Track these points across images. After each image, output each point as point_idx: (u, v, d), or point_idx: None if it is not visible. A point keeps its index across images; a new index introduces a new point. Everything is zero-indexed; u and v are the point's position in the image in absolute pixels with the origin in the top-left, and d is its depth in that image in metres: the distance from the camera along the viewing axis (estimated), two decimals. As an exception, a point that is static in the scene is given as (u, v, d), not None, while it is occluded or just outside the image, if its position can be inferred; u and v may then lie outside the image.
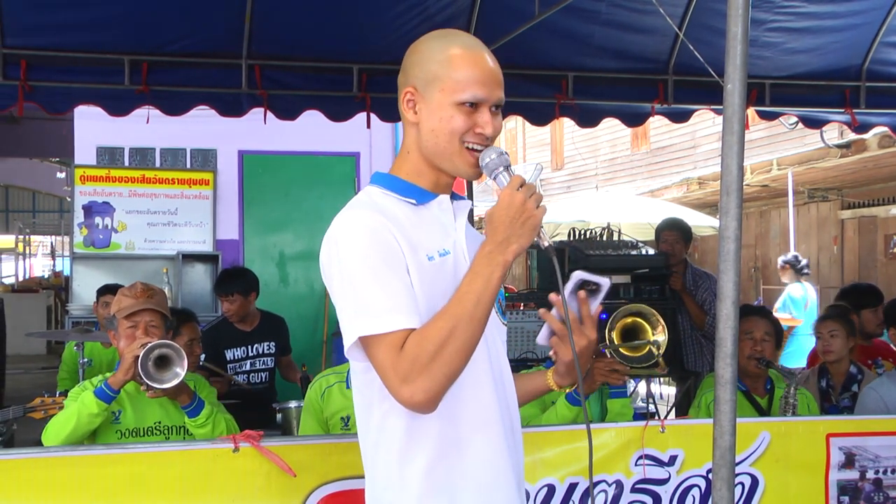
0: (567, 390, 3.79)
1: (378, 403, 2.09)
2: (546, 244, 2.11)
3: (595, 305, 2.24)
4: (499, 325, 2.27)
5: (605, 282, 2.24)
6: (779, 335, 4.63)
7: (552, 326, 2.23)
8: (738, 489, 3.55)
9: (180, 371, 3.49)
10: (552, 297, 2.20)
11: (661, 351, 4.02)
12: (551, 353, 2.31)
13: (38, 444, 3.56)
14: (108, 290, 6.05)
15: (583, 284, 2.22)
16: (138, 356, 3.42)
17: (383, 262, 2.03)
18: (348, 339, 2.04)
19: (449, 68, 2.13)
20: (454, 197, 2.27)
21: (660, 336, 4.04)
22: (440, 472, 2.08)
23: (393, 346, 1.97)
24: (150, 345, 3.44)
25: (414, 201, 2.18)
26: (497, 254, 2.02)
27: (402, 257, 2.05)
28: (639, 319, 4.07)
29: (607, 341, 4.09)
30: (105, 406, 3.44)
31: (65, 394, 4.08)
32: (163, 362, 3.50)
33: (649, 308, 4.08)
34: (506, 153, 2.16)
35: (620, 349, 4.10)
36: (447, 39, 2.19)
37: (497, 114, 2.17)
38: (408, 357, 1.96)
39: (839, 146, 12.75)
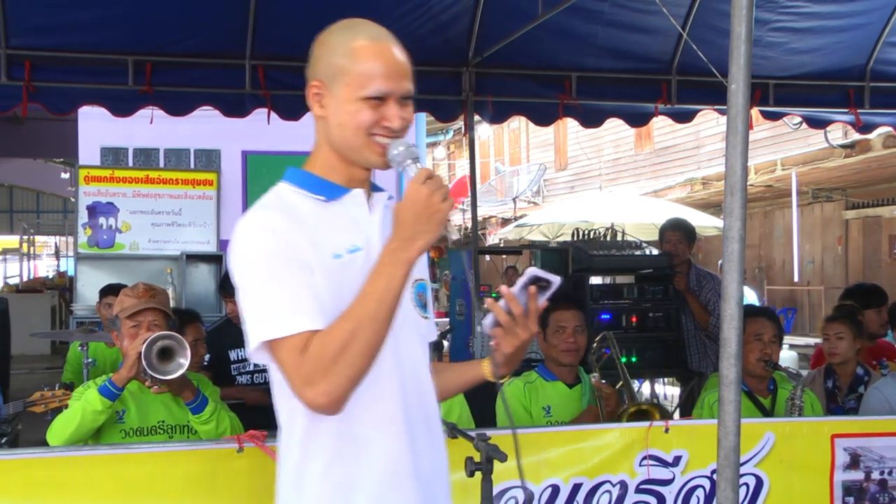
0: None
1: (285, 402, 2.08)
2: (455, 237, 2.05)
3: (542, 300, 2.22)
4: (417, 319, 2.22)
5: (556, 279, 2.22)
6: (782, 336, 4.62)
7: (498, 317, 2.20)
8: (742, 490, 3.54)
9: (184, 361, 3.49)
10: (502, 289, 2.18)
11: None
12: (493, 342, 2.27)
13: (43, 443, 3.56)
14: (110, 291, 6.04)
15: (535, 280, 2.21)
16: (141, 352, 3.43)
17: (286, 264, 2.00)
18: (252, 342, 2.00)
19: (353, 61, 2.08)
20: (374, 189, 2.22)
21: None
22: (337, 471, 2.05)
23: (295, 348, 1.95)
24: (152, 336, 3.45)
25: (323, 198, 2.13)
26: (401, 251, 1.97)
27: (306, 258, 2.01)
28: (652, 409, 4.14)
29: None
30: (109, 403, 3.44)
31: (65, 386, 4.08)
32: (166, 354, 3.50)
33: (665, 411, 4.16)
34: (414, 145, 2.10)
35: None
36: (352, 31, 2.14)
37: (406, 105, 2.11)
38: (310, 359, 1.93)
39: (843, 146, 12.76)
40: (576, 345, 4.22)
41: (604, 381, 4.19)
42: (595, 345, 4.38)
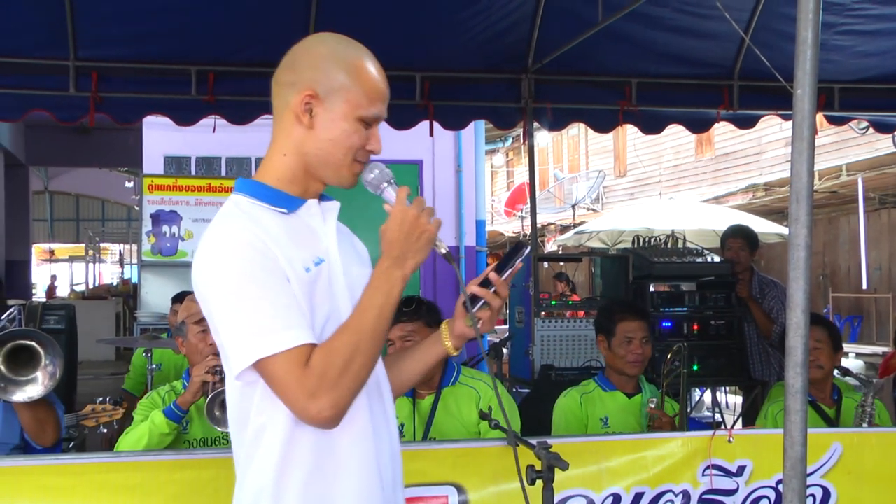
0: None
1: (255, 418, 2.03)
2: (443, 251, 2.10)
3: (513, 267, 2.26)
4: None
5: (526, 250, 2.29)
6: (835, 340, 4.52)
7: (492, 303, 2.20)
8: (809, 501, 3.48)
9: None
10: (493, 276, 2.19)
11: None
12: (479, 324, 2.23)
13: (104, 448, 3.63)
14: (178, 299, 6.13)
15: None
16: (207, 382, 3.52)
17: (268, 277, 1.96)
18: (243, 362, 1.94)
19: (357, 80, 2.07)
20: (322, 198, 2.19)
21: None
22: (316, 484, 2.03)
23: (296, 362, 1.92)
24: (218, 390, 3.51)
25: (285, 210, 2.09)
26: (395, 269, 2.01)
27: (283, 270, 1.98)
28: None
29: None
30: (175, 426, 3.57)
31: (114, 401, 4.16)
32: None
33: None
34: (387, 167, 2.13)
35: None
36: (351, 47, 2.13)
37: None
38: (315, 373, 1.91)
39: (912, 151, 12.48)
40: (643, 355, 4.19)
41: (661, 408, 4.11)
42: (669, 356, 4.31)
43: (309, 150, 2.10)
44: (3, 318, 3.84)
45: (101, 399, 4.16)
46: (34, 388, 3.53)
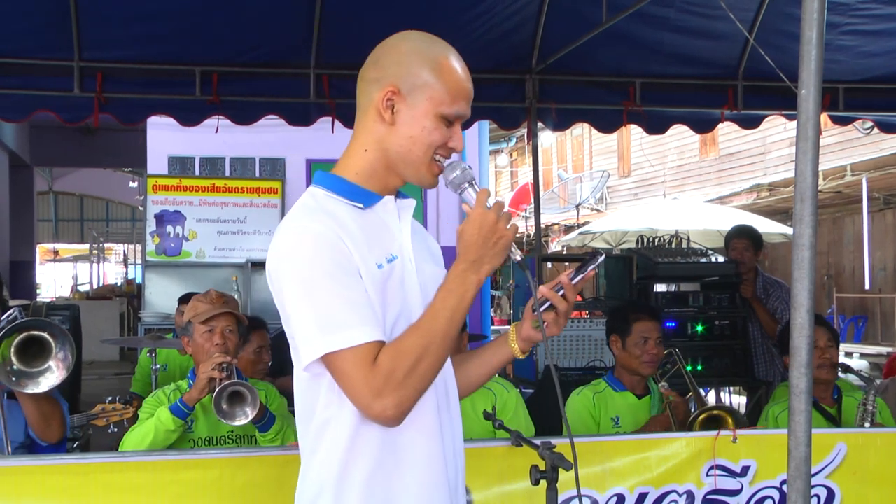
0: None
1: (321, 411, 2.03)
2: (518, 258, 2.08)
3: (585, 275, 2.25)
4: None
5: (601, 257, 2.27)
6: (837, 339, 4.55)
7: (558, 306, 2.16)
8: (813, 501, 3.48)
9: (250, 412, 3.55)
10: (563, 279, 2.17)
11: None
12: (545, 325, 2.18)
13: (115, 448, 3.63)
14: (185, 300, 6.13)
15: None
16: (213, 378, 3.52)
17: (342, 272, 1.96)
18: (311, 355, 1.95)
19: (440, 77, 2.06)
20: (398, 195, 2.18)
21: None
22: (380, 479, 2.03)
23: (364, 359, 1.92)
24: (225, 383, 3.51)
25: (361, 205, 2.09)
26: (471, 273, 1.99)
27: (356, 266, 1.98)
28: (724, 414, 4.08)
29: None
30: (181, 423, 3.58)
31: (125, 401, 4.16)
32: (237, 396, 3.56)
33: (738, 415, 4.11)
34: (469, 167, 2.11)
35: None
36: (436, 45, 2.12)
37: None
38: (382, 372, 1.91)
39: (916, 151, 12.46)
40: (658, 356, 4.23)
41: (672, 390, 4.17)
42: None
43: (389, 146, 2.09)
44: (3, 318, 3.82)
45: (110, 398, 4.16)
46: (51, 377, 3.50)
